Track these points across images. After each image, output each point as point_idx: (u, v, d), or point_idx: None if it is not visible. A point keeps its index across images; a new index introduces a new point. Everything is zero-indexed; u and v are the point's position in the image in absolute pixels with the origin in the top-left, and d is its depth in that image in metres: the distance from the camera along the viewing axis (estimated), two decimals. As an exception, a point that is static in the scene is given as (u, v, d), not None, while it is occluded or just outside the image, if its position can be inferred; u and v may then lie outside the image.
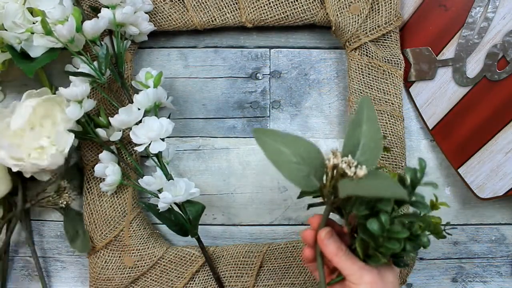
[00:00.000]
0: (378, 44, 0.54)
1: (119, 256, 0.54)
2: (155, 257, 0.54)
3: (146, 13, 0.51)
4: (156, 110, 0.50)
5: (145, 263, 0.53)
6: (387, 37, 0.54)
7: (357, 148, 0.37)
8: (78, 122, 0.49)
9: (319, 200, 0.38)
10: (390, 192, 0.32)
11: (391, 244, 0.35)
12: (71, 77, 0.48)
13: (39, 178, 0.52)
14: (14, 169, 0.47)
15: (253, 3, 0.53)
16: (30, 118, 0.47)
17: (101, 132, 0.50)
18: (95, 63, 0.48)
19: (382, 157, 0.53)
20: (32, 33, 0.46)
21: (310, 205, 0.40)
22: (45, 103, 0.48)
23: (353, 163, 0.35)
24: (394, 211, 0.36)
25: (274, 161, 0.35)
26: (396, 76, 0.54)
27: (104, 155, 0.51)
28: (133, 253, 0.53)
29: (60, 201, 0.54)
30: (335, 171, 0.35)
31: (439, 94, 0.55)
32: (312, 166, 0.36)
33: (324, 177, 0.36)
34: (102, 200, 0.54)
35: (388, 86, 0.54)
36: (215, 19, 0.54)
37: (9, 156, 0.47)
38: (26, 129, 0.47)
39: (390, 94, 0.54)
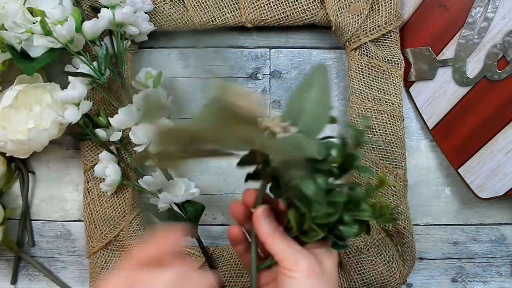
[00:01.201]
0: (378, 44, 0.54)
1: (119, 256, 0.54)
2: (155, 257, 0.54)
3: (146, 13, 0.51)
4: (156, 110, 0.50)
5: (145, 263, 0.53)
6: (387, 37, 0.54)
7: (300, 115, 0.33)
8: (77, 123, 0.49)
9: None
10: (302, 149, 0.29)
11: (328, 209, 0.31)
12: (71, 78, 0.48)
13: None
14: None
15: (253, 3, 0.53)
16: (16, 102, 0.48)
17: (100, 132, 0.50)
18: (95, 63, 0.48)
19: (382, 157, 0.53)
20: (32, 33, 0.46)
21: (248, 176, 0.37)
22: (35, 90, 0.49)
23: (288, 127, 0.32)
24: (335, 177, 0.32)
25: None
26: (396, 76, 0.54)
27: (104, 155, 0.51)
28: (133, 253, 0.53)
29: None
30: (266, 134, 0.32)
31: (439, 94, 0.55)
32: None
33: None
34: (102, 200, 0.54)
35: (388, 86, 0.54)
36: (215, 19, 0.54)
37: None
38: (11, 112, 0.48)
39: (390, 94, 0.54)
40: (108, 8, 0.48)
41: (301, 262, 0.32)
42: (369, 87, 0.54)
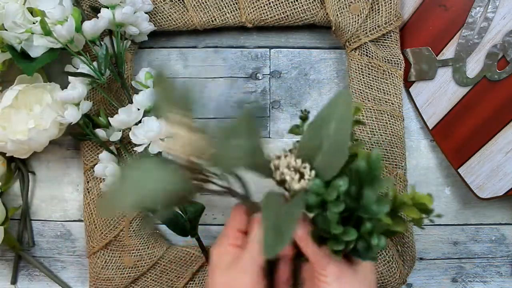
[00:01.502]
0: (378, 44, 0.54)
1: (119, 256, 0.54)
2: (155, 257, 0.54)
3: (146, 13, 0.51)
4: (156, 110, 0.50)
5: (145, 263, 0.54)
6: (387, 37, 0.54)
7: (316, 152, 0.31)
8: (77, 123, 0.49)
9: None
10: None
11: (335, 245, 0.31)
12: (71, 78, 0.48)
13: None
14: None
15: (253, 3, 0.53)
16: (16, 102, 0.48)
17: (100, 132, 0.50)
18: (95, 63, 0.48)
19: (382, 157, 0.53)
20: (32, 33, 0.46)
21: None
22: (35, 90, 0.49)
23: (304, 168, 0.31)
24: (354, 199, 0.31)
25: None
26: (396, 76, 0.54)
27: (104, 155, 0.51)
28: (133, 253, 0.53)
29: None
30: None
31: (439, 94, 0.55)
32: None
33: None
34: (102, 200, 0.54)
35: (388, 86, 0.54)
36: (215, 19, 0.54)
37: None
38: (11, 112, 0.48)
39: (390, 94, 0.54)
40: (108, 8, 0.48)
41: (330, 266, 0.32)
42: (369, 87, 0.54)
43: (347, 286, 0.32)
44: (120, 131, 0.50)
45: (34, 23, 0.46)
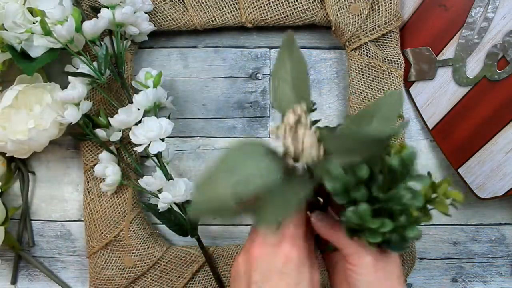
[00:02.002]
0: (378, 44, 0.54)
1: (119, 256, 0.54)
2: (155, 257, 0.54)
3: (146, 13, 0.51)
4: (156, 110, 0.50)
5: (145, 263, 0.54)
6: (387, 37, 0.54)
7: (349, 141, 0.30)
8: (77, 123, 0.49)
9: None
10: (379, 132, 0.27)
11: (372, 237, 0.30)
12: (71, 78, 0.48)
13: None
14: None
15: (253, 3, 0.53)
16: (16, 102, 0.48)
17: (100, 132, 0.50)
18: (95, 63, 0.48)
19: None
20: (32, 33, 0.46)
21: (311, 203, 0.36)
22: (35, 90, 0.49)
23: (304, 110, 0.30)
24: (383, 189, 0.30)
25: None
26: (396, 76, 0.54)
27: (104, 155, 0.51)
28: (133, 253, 0.53)
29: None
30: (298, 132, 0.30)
31: (439, 94, 0.55)
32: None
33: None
34: (102, 200, 0.54)
35: (388, 86, 0.54)
36: (215, 19, 0.54)
37: None
38: (11, 112, 0.48)
39: (390, 94, 0.54)
40: (108, 8, 0.48)
41: (365, 257, 0.31)
42: (369, 87, 0.54)
43: (382, 275, 0.32)
44: (120, 131, 0.50)
45: (34, 23, 0.46)
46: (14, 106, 0.49)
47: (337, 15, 0.52)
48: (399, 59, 0.54)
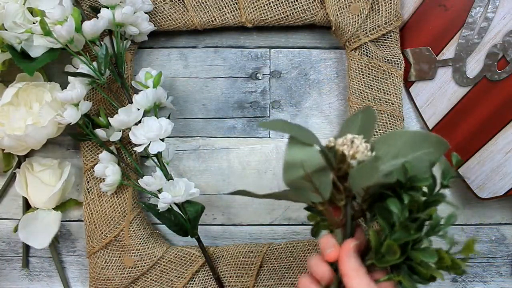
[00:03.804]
0: (378, 44, 0.54)
1: (119, 256, 0.54)
2: (155, 257, 0.54)
3: (146, 13, 0.51)
4: (156, 110, 0.50)
5: (145, 263, 0.54)
6: (387, 37, 0.54)
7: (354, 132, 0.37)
8: (76, 123, 0.49)
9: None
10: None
11: (404, 235, 0.33)
12: (70, 78, 0.48)
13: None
14: None
15: (253, 3, 0.53)
16: (16, 99, 0.49)
17: (100, 132, 0.50)
18: (95, 63, 0.48)
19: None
20: (32, 33, 0.46)
21: (307, 209, 0.39)
22: (35, 88, 0.49)
23: (358, 141, 0.34)
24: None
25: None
26: (396, 76, 0.54)
27: (104, 155, 0.51)
28: (133, 253, 0.53)
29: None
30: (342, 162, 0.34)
31: (439, 94, 0.55)
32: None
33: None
34: (102, 200, 0.54)
35: (388, 86, 0.54)
36: (215, 19, 0.54)
37: None
38: (10, 110, 0.48)
39: (390, 94, 0.54)
40: (108, 8, 0.48)
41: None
42: (369, 87, 0.54)
43: None
44: (120, 131, 0.50)
45: (34, 23, 0.46)
46: (14, 103, 0.49)
47: (337, 15, 0.52)
48: (399, 59, 0.54)
